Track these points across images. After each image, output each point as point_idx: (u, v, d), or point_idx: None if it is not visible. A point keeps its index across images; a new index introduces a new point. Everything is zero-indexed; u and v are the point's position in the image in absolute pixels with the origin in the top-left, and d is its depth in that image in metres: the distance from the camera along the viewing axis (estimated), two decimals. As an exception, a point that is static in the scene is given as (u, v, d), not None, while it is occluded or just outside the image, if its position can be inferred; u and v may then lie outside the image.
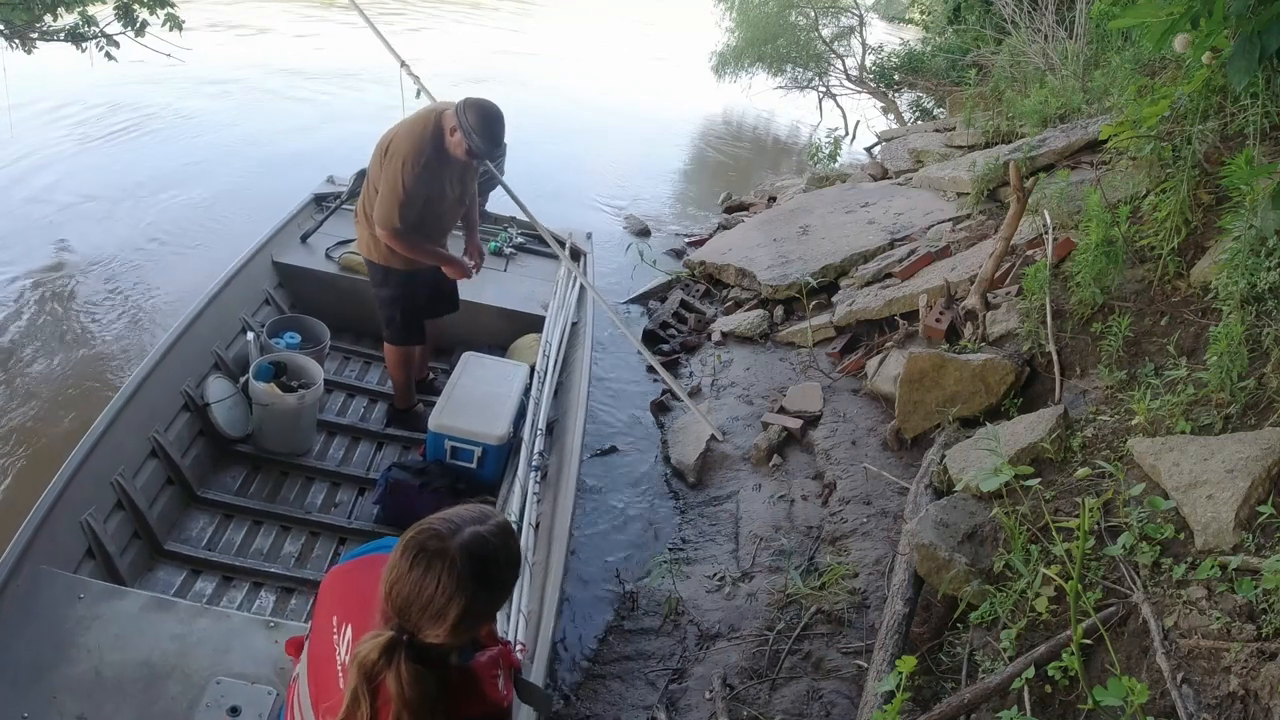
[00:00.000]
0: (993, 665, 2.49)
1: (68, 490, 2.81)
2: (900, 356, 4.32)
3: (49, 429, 4.27)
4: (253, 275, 4.40)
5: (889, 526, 3.68)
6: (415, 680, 1.26)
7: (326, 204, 5.17)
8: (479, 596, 1.32)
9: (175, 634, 2.51)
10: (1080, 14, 7.00)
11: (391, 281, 3.78)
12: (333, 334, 4.30)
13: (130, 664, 2.40)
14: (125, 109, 8.49)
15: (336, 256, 4.75)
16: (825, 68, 13.45)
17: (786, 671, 3.19)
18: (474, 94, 3.54)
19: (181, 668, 2.42)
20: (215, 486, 3.59)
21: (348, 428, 4.15)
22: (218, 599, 3.13)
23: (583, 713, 3.19)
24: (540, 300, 4.82)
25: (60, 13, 6.14)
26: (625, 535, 4.21)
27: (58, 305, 5.40)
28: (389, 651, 1.27)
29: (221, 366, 3.91)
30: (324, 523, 3.59)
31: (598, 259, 6.87)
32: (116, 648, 2.43)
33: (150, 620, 2.54)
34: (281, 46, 11.89)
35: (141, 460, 3.27)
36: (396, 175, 3.40)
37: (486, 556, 1.34)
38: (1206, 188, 3.51)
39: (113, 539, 2.97)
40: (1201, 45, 2.42)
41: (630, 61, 15.42)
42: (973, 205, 5.90)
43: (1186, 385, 2.92)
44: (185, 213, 6.71)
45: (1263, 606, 2.06)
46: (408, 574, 1.31)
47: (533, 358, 4.28)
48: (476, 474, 3.71)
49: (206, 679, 2.40)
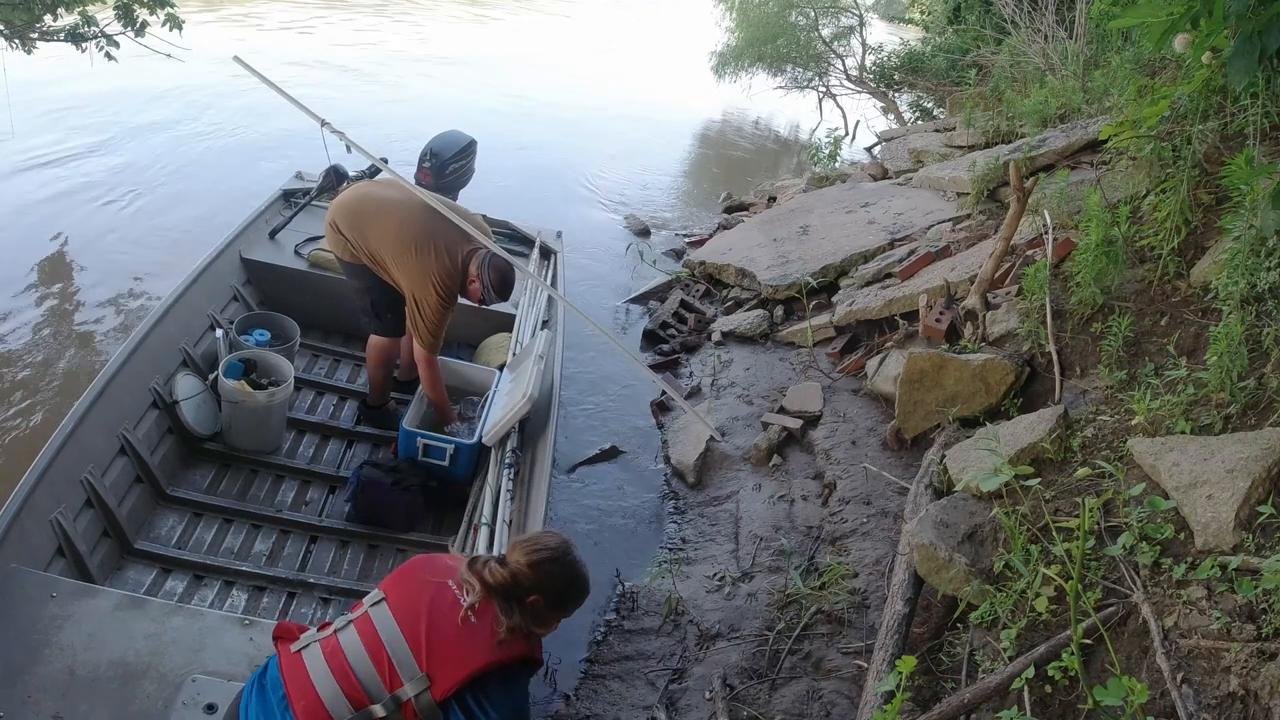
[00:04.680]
0: (993, 665, 2.49)
1: (37, 489, 2.79)
2: (900, 356, 4.32)
3: (17, 427, 4.26)
4: (220, 272, 4.36)
5: (889, 526, 3.68)
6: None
7: (295, 200, 5.13)
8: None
9: (149, 633, 2.50)
10: (1080, 14, 7.01)
11: (363, 275, 3.80)
12: (302, 331, 4.28)
13: (105, 663, 2.39)
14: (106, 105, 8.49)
15: (305, 253, 4.72)
16: (825, 68, 13.46)
17: (786, 671, 3.19)
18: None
19: (156, 666, 2.41)
20: (185, 485, 3.58)
21: (318, 425, 4.14)
22: (189, 598, 3.11)
23: (583, 713, 3.19)
24: (511, 298, 4.81)
25: (60, 13, 6.14)
26: (625, 535, 4.21)
27: (27, 300, 5.38)
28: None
29: (190, 364, 3.88)
30: (295, 521, 3.58)
31: (597, 259, 6.87)
32: (90, 647, 2.42)
33: (124, 619, 2.52)
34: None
35: (110, 458, 3.24)
36: (438, 307, 3.66)
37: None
38: (1206, 188, 3.51)
39: (83, 538, 2.95)
40: (1201, 45, 2.43)
41: (630, 62, 15.42)
42: (973, 205, 5.90)
43: (1186, 385, 2.91)
44: (165, 212, 6.71)
45: (1263, 606, 2.06)
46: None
47: (503, 356, 4.29)
48: (449, 472, 3.71)
49: (182, 677, 2.39)
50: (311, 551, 3.50)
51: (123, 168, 7.34)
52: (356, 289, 3.89)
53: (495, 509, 3.18)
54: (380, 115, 9.37)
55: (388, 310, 3.90)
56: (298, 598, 3.25)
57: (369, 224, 3.69)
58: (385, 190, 3.84)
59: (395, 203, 3.73)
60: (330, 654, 1.79)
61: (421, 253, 3.62)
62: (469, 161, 5.05)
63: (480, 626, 1.79)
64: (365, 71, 11.35)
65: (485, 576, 1.84)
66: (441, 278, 3.63)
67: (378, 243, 3.68)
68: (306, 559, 3.46)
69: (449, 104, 10.21)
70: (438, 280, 3.62)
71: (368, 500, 3.58)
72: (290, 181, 5.34)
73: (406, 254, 3.63)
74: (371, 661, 1.76)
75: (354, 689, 1.73)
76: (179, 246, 6.01)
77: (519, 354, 4.10)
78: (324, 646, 1.81)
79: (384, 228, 3.67)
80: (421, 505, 3.64)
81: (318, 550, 3.51)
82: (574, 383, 5.35)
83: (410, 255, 3.62)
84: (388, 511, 3.59)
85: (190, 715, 2.31)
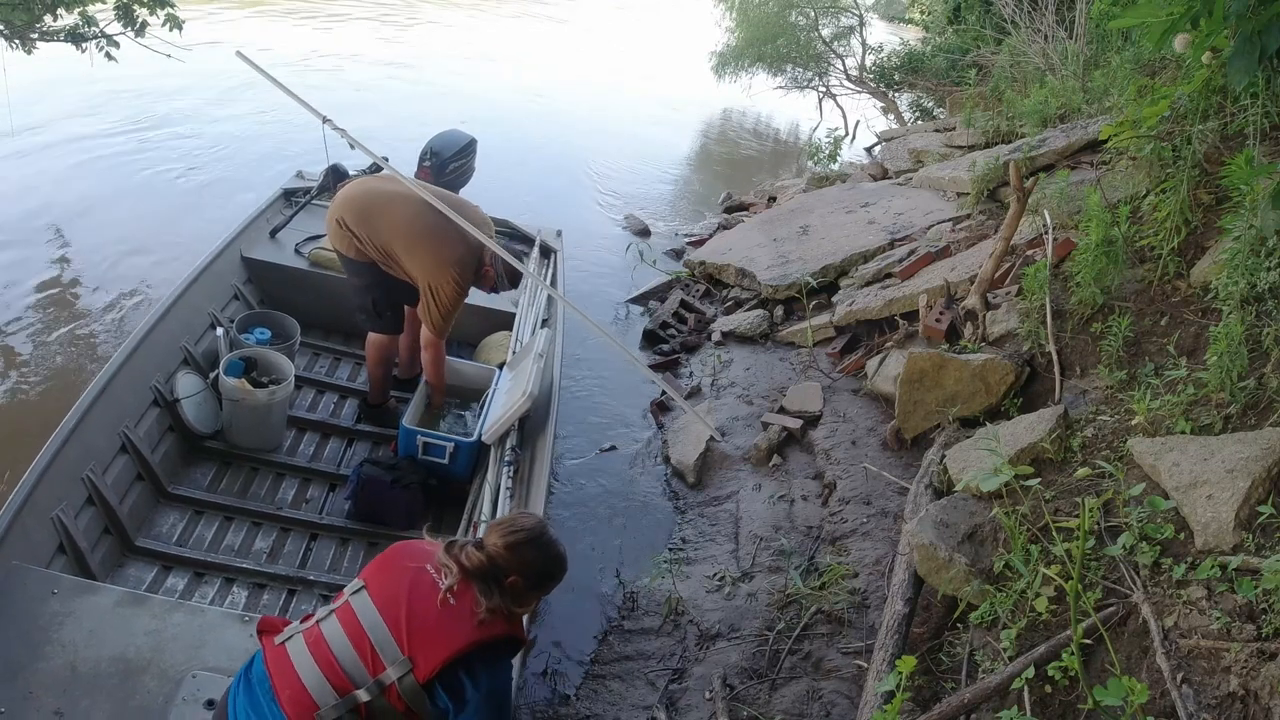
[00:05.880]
0: (993, 665, 2.49)
1: (39, 487, 2.81)
2: (900, 356, 4.32)
3: (19, 424, 4.28)
4: (221, 270, 4.38)
5: (889, 526, 3.68)
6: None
7: (296, 199, 5.14)
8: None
9: (150, 629, 2.51)
10: (1080, 14, 7.01)
11: (364, 272, 3.81)
12: (303, 330, 4.30)
13: (106, 659, 2.40)
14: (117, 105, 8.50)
15: (306, 252, 4.74)
16: (825, 68, 13.46)
17: (786, 671, 3.19)
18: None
19: (157, 662, 2.42)
20: (186, 482, 3.59)
21: (318, 424, 4.15)
22: (189, 595, 3.13)
23: (583, 712, 3.19)
24: (511, 297, 4.82)
25: (60, 13, 6.13)
26: (625, 535, 4.20)
27: (29, 298, 5.38)
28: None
29: (191, 362, 3.89)
30: (295, 518, 3.59)
31: (597, 259, 6.87)
32: (91, 643, 2.43)
33: (124, 615, 2.54)
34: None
35: (111, 456, 3.26)
36: (454, 296, 3.71)
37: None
38: (1206, 188, 3.51)
39: (84, 535, 2.97)
40: (1201, 45, 2.42)
41: (629, 62, 15.42)
42: (973, 205, 5.90)
43: (1186, 385, 2.91)
44: (166, 211, 6.72)
45: (1263, 606, 2.06)
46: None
47: (503, 354, 4.30)
48: (449, 470, 3.72)
49: (182, 673, 2.41)
50: (312, 549, 3.51)
51: (124, 167, 7.35)
52: (357, 287, 3.89)
53: (495, 506, 3.19)
54: (380, 116, 9.38)
55: (388, 308, 3.91)
56: (298, 595, 3.26)
57: (380, 217, 3.69)
58: (390, 185, 3.84)
59: (404, 196, 3.73)
60: (313, 643, 1.82)
61: (438, 242, 3.64)
62: (469, 160, 5.06)
63: (460, 608, 1.82)
64: (365, 72, 11.37)
65: (463, 560, 1.86)
66: (458, 266, 3.67)
67: (390, 235, 3.68)
68: (307, 556, 3.47)
69: (448, 104, 10.21)
70: (455, 268, 3.66)
71: (368, 498, 3.59)
72: (291, 181, 5.36)
73: (421, 244, 3.65)
74: (354, 648, 1.78)
75: (337, 676, 1.76)
76: (180, 245, 6.02)
77: (519, 352, 4.11)
78: (307, 637, 1.84)
79: (396, 220, 3.67)
80: (421, 503, 3.65)
81: (318, 548, 3.52)
82: (574, 382, 5.35)
83: (425, 245, 3.64)
84: (387, 509, 3.60)
85: (190, 711, 2.32)
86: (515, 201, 6.72)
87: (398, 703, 1.76)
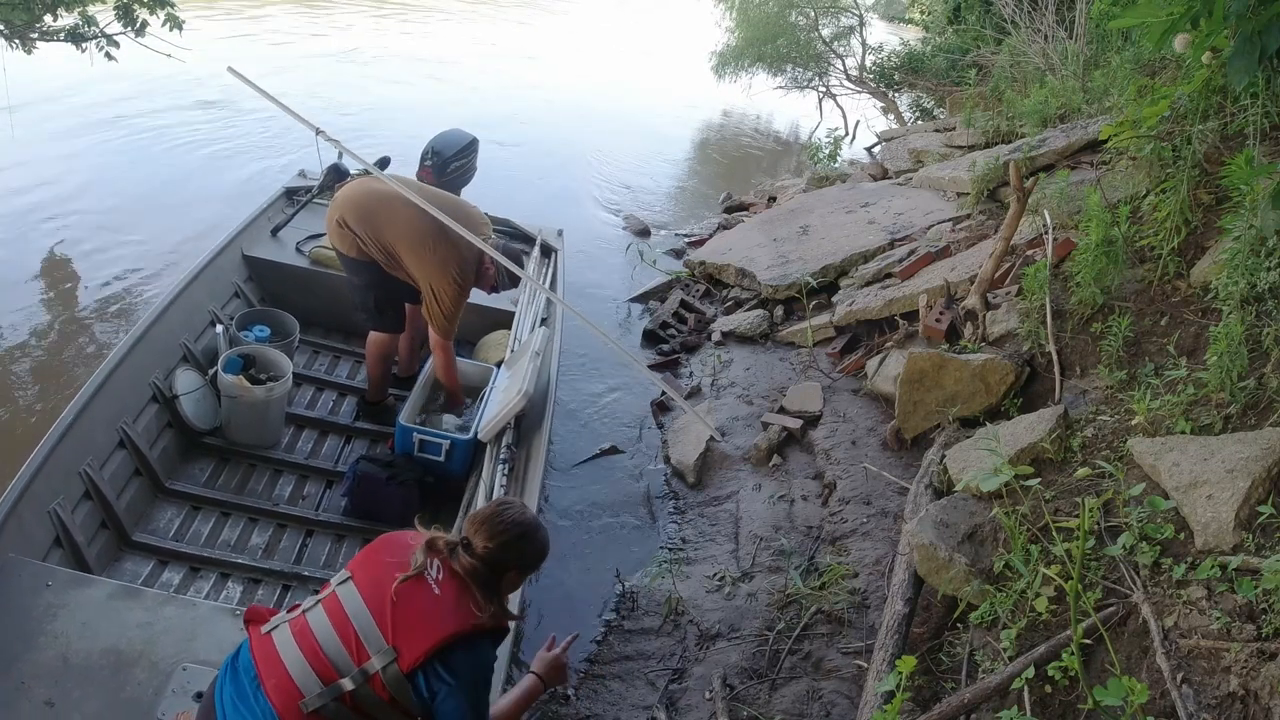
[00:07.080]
0: (993, 665, 2.49)
1: (36, 480, 2.82)
2: (900, 356, 4.32)
3: (17, 418, 4.28)
4: (222, 268, 4.40)
5: (889, 526, 3.68)
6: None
7: (297, 198, 5.16)
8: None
9: (142, 622, 2.52)
10: (1080, 14, 7.00)
11: (365, 271, 3.81)
12: (302, 328, 4.31)
13: (97, 651, 2.42)
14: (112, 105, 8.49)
15: (307, 250, 4.75)
16: (825, 68, 13.46)
17: (786, 671, 3.19)
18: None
19: (148, 654, 2.44)
20: (183, 478, 3.60)
21: (316, 421, 4.16)
22: (185, 589, 3.14)
23: (583, 712, 3.19)
24: (510, 296, 4.82)
25: (60, 13, 6.13)
26: (625, 535, 4.21)
27: (30, 294, 5.39)
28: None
29: (190, 359, 3.91)
30: (291, 514, 3.60)
31: (597, 258, 6.87)
32: (84, 635, 2.45)
33: (117, 608, 2.55)
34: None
35: (109, 451, 3.27)
36: (456, 296, 3.75)
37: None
38: (1206, 188, 3.51)
39: (80, 529, 2.98)
40: (1201, 45, 2.43)
41: (629, 62, 15.42)
42: (973, 205, 5.90)
43: (1186, 385, 2.91)
44: (167, 210, 6.71)
45: (1263, 606, 2.06)
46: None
47: (501, 353, 4.31)
48: (444, 467, 3.72)
49: (173, 665, 2.42)
50: (308, 545, 3.52)
51: (124, 167, 7.34)
52: (358, 286, 3.90)
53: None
54: (379, 115, 9.38)
55: (389, 307, 3.92)
56: (293, 590, 3.27)
57: (382, 217, 3.70)
58: (389, 185, 3.85)
59: (405, 197, 3.74)
60: (299, 633, 1.83)
61: (440, 243, 3.66)
62: (470, 160, 5.06)
63: (444, 598, 1.83)
64: (363, 71, 11.37)
65: (455, 568, 1.88)
66: (459, 266, 3.70)
67: (393, 236, 3.70)
68: (303, 552, 3.48)
69: (448, 104, 10.21)
70: (456, 269, 3.69)
71: (363, 494, 3.60)
72: (293, 179, 5.38)
73: (424, 245, 3.67)
74: (339, 637, 1.80)
75: (322, 664, 1.78)
76: (181, 243, 6.03)
77: (516, 351, 4.11)
78: (293, 626, 1.86)
79: (399, 220, 3.69)
80: (417, 500, 3.65)
81: (314, 543, 3.53)
82: (574, 382, 5.35)
83: (428, 246, 3.67)
84: (383, 506, 3.60)
85: (179, 703, 2.34)
86: (516, 201, 6.71)
87: (382, 691, 1.78)
